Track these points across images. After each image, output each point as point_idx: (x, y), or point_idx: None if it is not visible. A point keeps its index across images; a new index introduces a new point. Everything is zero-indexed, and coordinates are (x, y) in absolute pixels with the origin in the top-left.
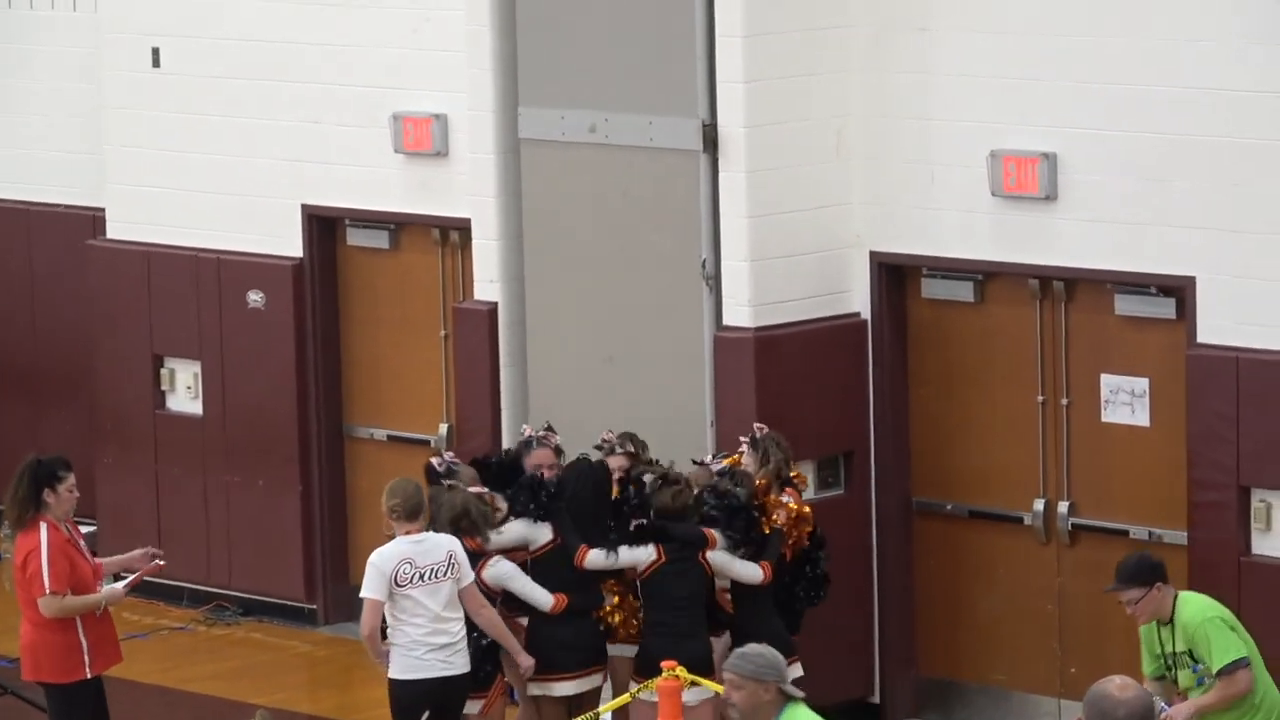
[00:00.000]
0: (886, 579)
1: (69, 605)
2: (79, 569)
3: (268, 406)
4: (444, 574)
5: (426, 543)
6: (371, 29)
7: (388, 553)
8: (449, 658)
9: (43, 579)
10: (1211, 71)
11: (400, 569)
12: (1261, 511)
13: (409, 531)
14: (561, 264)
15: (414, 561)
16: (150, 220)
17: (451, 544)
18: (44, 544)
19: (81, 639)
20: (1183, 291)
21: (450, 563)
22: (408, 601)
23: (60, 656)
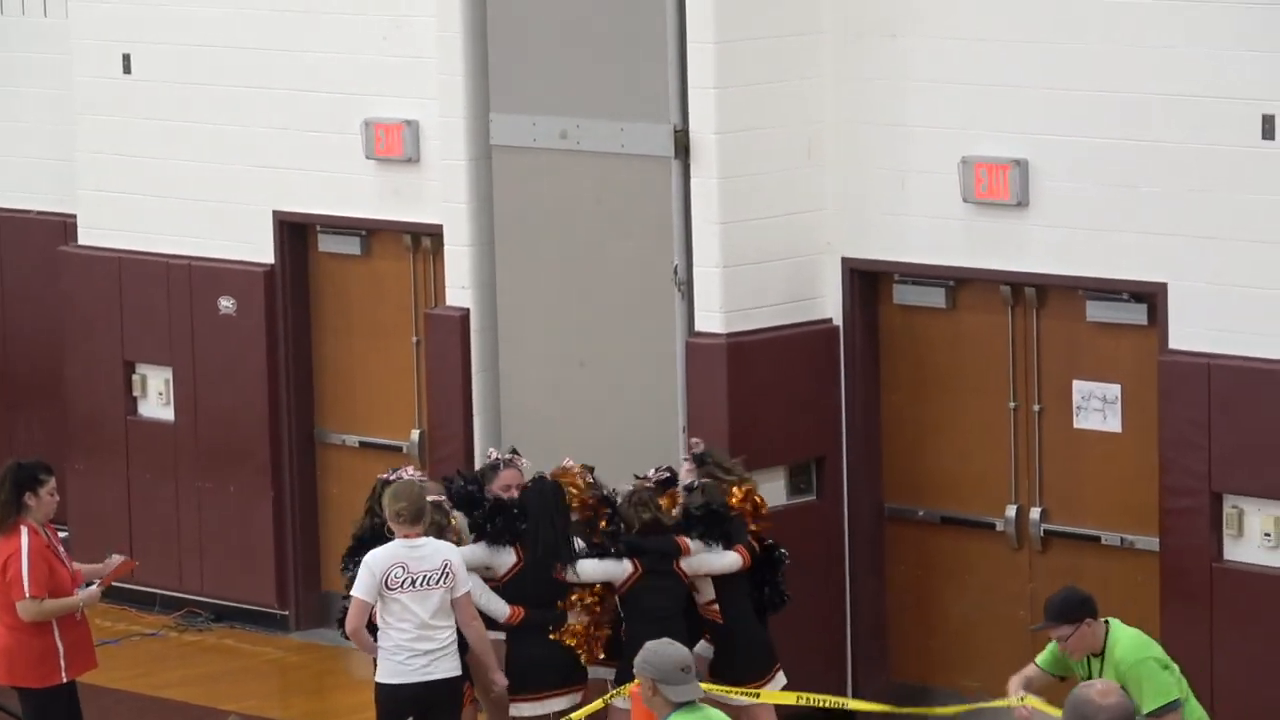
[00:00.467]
0: (858, 585)
1: (47, 609)
2: (58, 574)
3: (239, 412)
4: (437, 582)
5: (424, 549)
6: (342, 35)
7: (381, 555)
8: (432, 664)
9: (22, 583)
10: (1183, 78)
11: (392, 572)
12: (1233, 518)
13: (408, 535)
14: (533, 270)
15: (407, 566)
16: (121, 226)
17: (450, 553)
18: (24, 548)
19: (58, 643)
20: (1154, 298)
21: (445, 571)
22: (396, 605)
23: (36, 661)
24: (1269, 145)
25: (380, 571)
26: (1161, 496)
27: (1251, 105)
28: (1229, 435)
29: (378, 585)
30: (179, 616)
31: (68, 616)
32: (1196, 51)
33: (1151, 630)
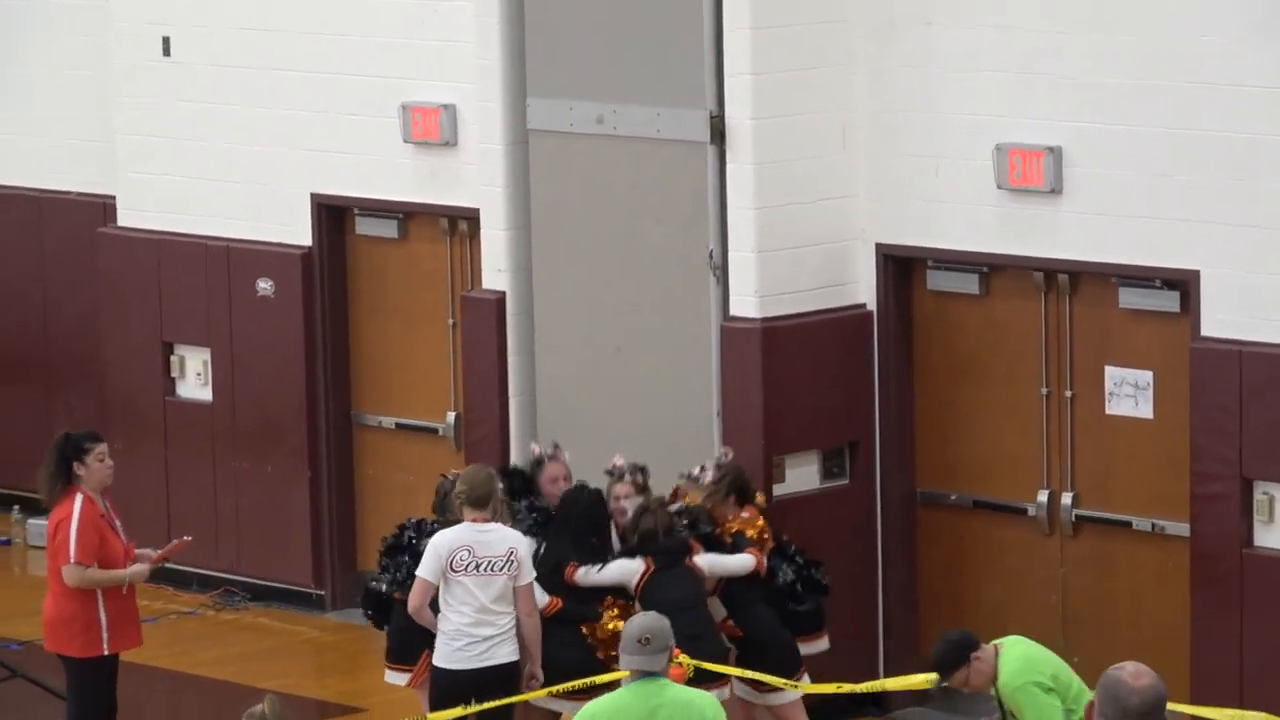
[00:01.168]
0: (891, 569)
1: (91, 577)
2: (109, 545)
3: (277, 394)
4: (500, 569)
5: (491, 534)
6: (381, 19)
7: (449, 536)
8: (490, 649)
9: (69, 547)
10: (1216, 66)
11: (457, 554)
12: (1264, 504)
13: (475, 519)
14: (569, 254)
15: (473, 550)
16: (160, 208)
17: (517, 541)
18: (76, 514)
19: (102, 615)
20: (1187, 285)
21: (510, 559)
22: (459, 588)
23: (80, 630)
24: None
25: (446, 553)
26: (1192, 482)
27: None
28: (1260, 422)
29: (443, 566)
30: (216, 596)
31: (114, 590)
32: (1230, 40)
33: (1180, 616)
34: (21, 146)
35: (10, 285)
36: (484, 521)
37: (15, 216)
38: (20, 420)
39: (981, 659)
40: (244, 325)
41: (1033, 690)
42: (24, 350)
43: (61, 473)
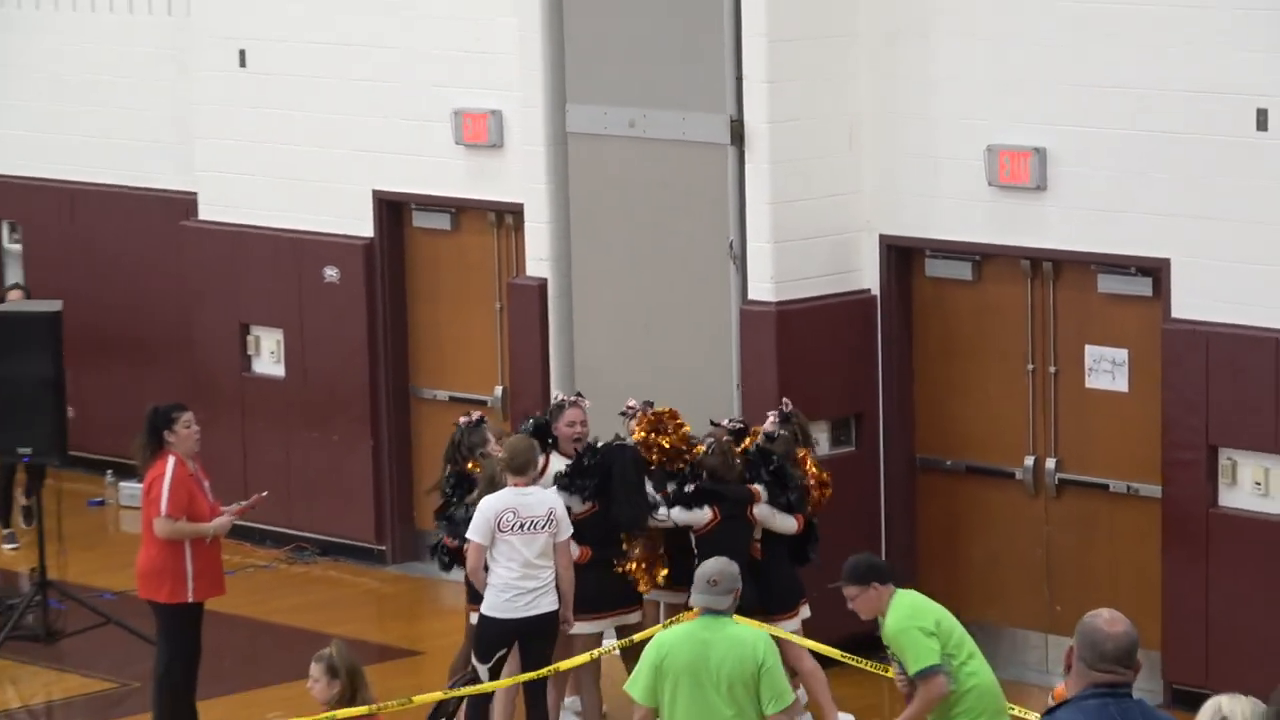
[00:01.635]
0: (892, 527)
1: (180, 529)
2: (197, 502)
3: (342, 370)
4: (542, 527)
5: (532, 497)
6: (435, 34)
7: (494, 501)
8: (535, 599)
9: (161, 503)
10: (1186, 75)
11: (504, 516)
12: (1228, 469)
13: (517, 484)
14: (604, 245)
15: (517, 511)
16: (237, 203)
17: (555, 502)
18: (168, 474)
19: (189, 567)
20: (1159, 272)
21: (550, 518)
22: (505, 546)
23: (169, 579)
24: (1262, 136)
25: (493, 516)
26: (1164, 449)
27: (1247, 100)
28: (1224, 395)
29: (491, 528)
30: (288, 551)
31: (199, 543)
32: (1198, 51)
33: (1152, 571)
34: (111, 147)
35: (104, 272)
36: (525, 486)
37: (109, 211)
38: (113, 394)
39: (877, 592)
40: (312, 308)
41: (914, 633)
42: (116, 331)
43: (153, 440)
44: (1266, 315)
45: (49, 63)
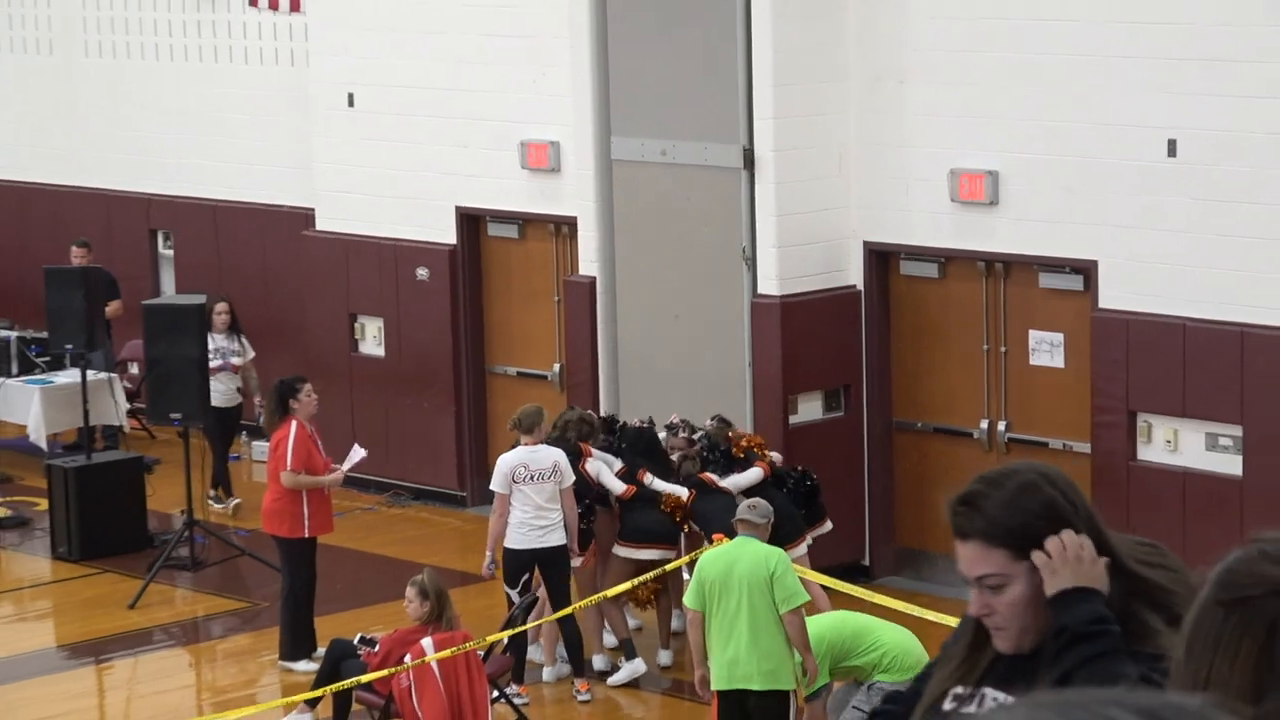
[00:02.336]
0: (874, 477)
1: (301, 480)
2: (313, 459)
3: (431, 350)
4: (549, 477)
5: (539, 453)
6: (504, 78)
7: (509, 457)
8: (546, 534)
9: (287, 458)
10: (1110, 112)
11: (517, 470)
12: (1144, 429)
13: (526, 443)
14: (642, 250)
15: (528, 465)
16: (347, 217)
17: (558, 455)
18: (292, 435)
19: (304, 509)
20: (1089, 271)
21: (555, 469)
22: (520, 494)
23: (289, 519)
24: (1172, 160)
25: (509, 470)
26: (1092, 414)
27: (1160, 132)
28: (1141, 370)
29: (508, 480)
30: (388, 496)
31: (316, 491)
32: (1121, 93)
33: None
34: (248, 173)
35: (240, 272)
36: (533, 444)
37: (244, 223)
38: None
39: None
40: (407, 301)
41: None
42: (249, 319)
43: (280, 407)
44: (1175, 306)
45: (197, 104)
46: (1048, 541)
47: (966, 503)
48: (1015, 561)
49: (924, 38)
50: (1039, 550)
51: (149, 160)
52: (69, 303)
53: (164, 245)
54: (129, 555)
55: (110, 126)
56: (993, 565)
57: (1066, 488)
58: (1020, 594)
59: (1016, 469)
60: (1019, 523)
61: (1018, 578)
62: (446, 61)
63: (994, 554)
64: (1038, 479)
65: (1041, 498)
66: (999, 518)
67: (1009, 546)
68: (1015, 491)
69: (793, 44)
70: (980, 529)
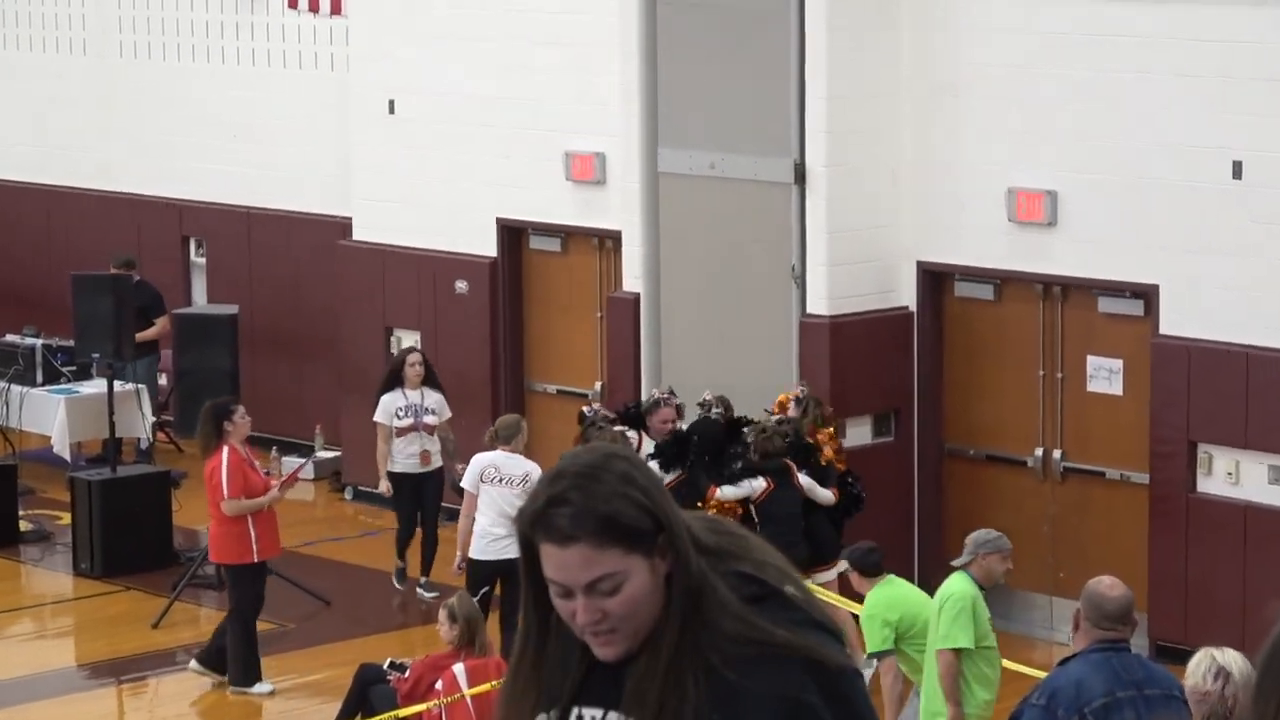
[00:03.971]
0: (924, 503)
1: (243, 505)
2: (251, 481)
3: (470, 365)
4: (515, 485)
5: (513, 460)
6: (549, 87)
7: (482, 456)
8: (506, 547)
9: (223, 487)
10: (1175, 131)
11: (486, 470)
12: (1205, 460)
13: (503, 449)
14: (688, 266)
15: (498, 468)
16: (384, 226)
17: (532, 469)
18: (225, 461)
19: (251, 533)
20: (1150, 295)
21: (524, 479)
22: (486, 496)
23: (236, 545)
24: (1236, 183)
25: (479, 468)
26: (1151, 443)
27: (1225, 152)
28: (1202, 399)
29: (477, 479)
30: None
31: (260, 513)
32: (1185, 112)
33: (1139, 546)
34: (284, 180)
35: (274, 281)
36: (510, 452)
37: (279, 232)
38: (279, 383)
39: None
40: (445, 315)
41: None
42: (281, 330)
43: (214, 431)
44: (1237, 333)
45: (233, 108)
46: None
47: (561, 503)
48: (628, 555)
49: (981, 52)
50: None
51: (182, 165)
52: (97, 310)
53: (196, 253)
54: (153, 572)
55: (142, 130)
56: (609, 565)
57: (643, 465)
58: (639, 587)
59: (597, 459)
60: (632, 514)
61: (635, 572)
62: (490, 69)
63: (608, 553)
64: (627, 465)
65: (639, 483)
66: (609, 513)
67: (623, 541)
68: (617, 482)
69: (847, 56)
70: (591, 529)
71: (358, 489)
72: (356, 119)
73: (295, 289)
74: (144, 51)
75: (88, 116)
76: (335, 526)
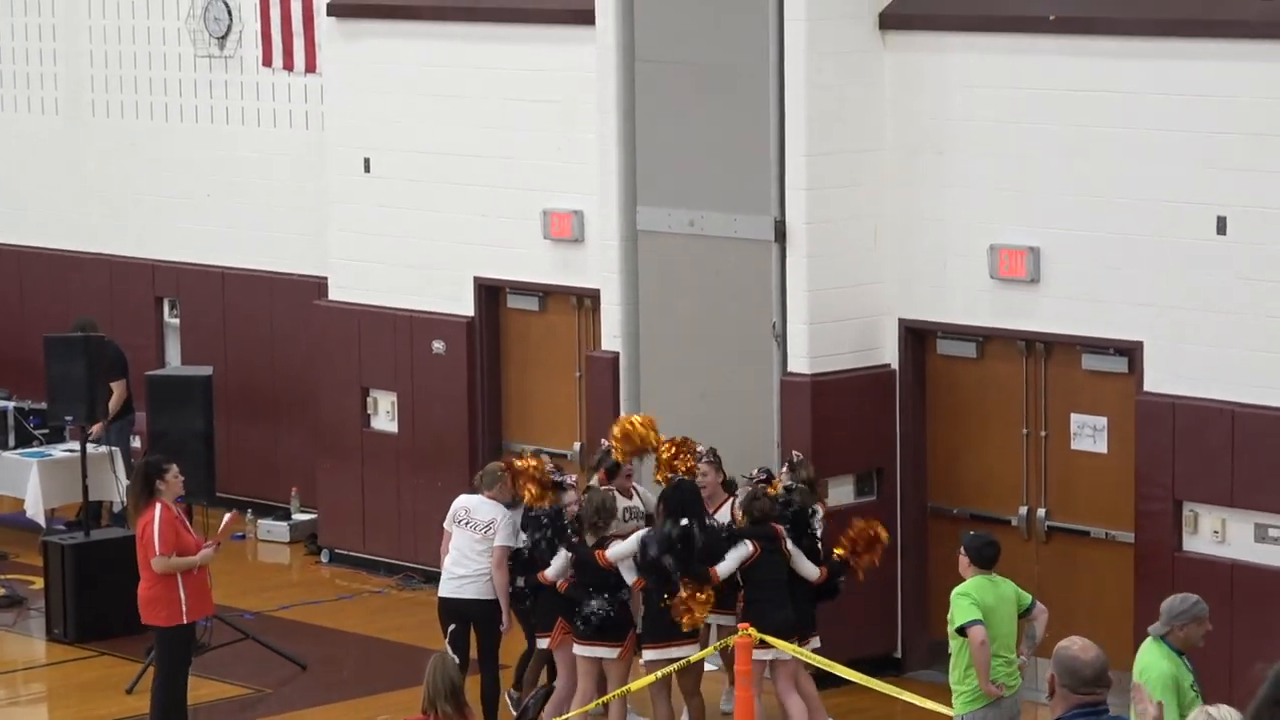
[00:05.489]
0: (907, 564)
1: (173, 563)
2: (183, 539)
3: (446, 426)
4: (480, 530)
5: (485, 505)
6: (527, 145)
7: (461, 499)
8: (462, 585)
9: (154, 544)
10: (1157, 187)
11: (458, 510)
12: (1190, 519)
13: (485, 495)
14: (667, 324)
15: (469, 510)
16: (360, 286)
17: (497, 513)
18: (157, 518)
19: (181, 594)
20: (1134, 352)
21: (488, 525)
22: (453, 536)
23: (166, 606)
24: (1221, 239)
25: (454, 508)
26: (1136, 502)
27: (1209, 208)
28: (1188, 457)
29: (451, 518)
30: (399, 579)
31: (189, 572)
32: (1169, 167)
33: (1125, 605)
34: (259, 239)
35: (250, 341)
36: (489, 498)
37: (254, 291)
38: (255, 444)
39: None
40: (422, 375)
41: (959, 598)
42: (257, 391)
43: (146, 489)
44: (1223, 390)
45: (206, 167)
46: None
47: None
48: None
49: (963, 108)
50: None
51: (155, 225)
52: (69, 372)
53: (170, 314)
54: (127, 637)
55: (116, 189)
56: None
57: None
58: None
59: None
60: None
61: None
62: (467, 126)
63: None
64: None
65: None
66: None
67: None
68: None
69: (827, 112)
70: None
71: (334, 552)
72: (332, 177)
73: (270, 349)
74: (116, 111)
75: (59, 176)
76: (311, 590)
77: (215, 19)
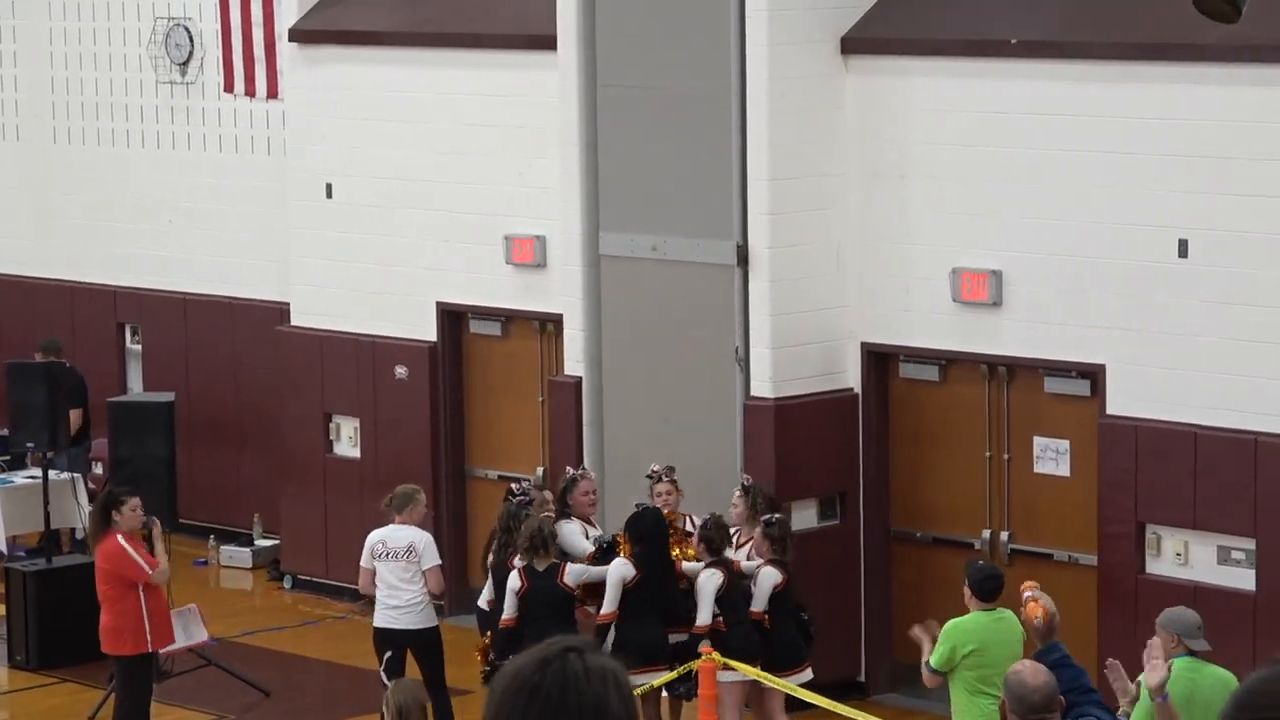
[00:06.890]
0: (871, 588)
1: (167, 570)
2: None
3: (409, 452)
4: (401, 556)
5: (399, 532)
6: (489, 171)
7: (374, 534)
8: (398, 616)
9: (140, 565)
10: (1119, 210)
11: (376, 545)
12: (1153, 541)
13: (396, 521)
14: (630, 349)
15: (386, 542)
16: (323, 312)
17: (414, 536)
18: (126, 544)
19: (145, 623)
20: (1096, 375)
21: (409, 549)
22: (380, 570)
23: (130, 636)
24: (1183, 262)
25: (370, 544)
26: (1099, 525)
27: (1170, 231)
28: (1150, 479)
29: (370, 553)
30: (361, 604)
31: (152, 601)
32: (1130, 190)
33: (1089, 627)
34: (218, 265)
35: (211, 368)
36: (402, 523)
37: (216, 317)
38: (217, 470)
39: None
40: (385, 400)
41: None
42: (219, 417)
43: (103, 520)
44: (1185, 412)
45: (168, 193)
46: None
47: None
48: None
49: (925, 132)
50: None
51: (117, 251)
52: (30, 399)
53: (131, 340)
54: (90, 664)
55: (77, 215)
56: None
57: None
58: None
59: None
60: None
61: None
62: (429, 152)
63: None
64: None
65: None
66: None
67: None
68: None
69: (789, 137)
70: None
71: (296, 577)
72: (294, 203)
73: (233, 375)
74: (78, 137)
75: (20, 202)
76: (275, 616)
77: (177, 45)
